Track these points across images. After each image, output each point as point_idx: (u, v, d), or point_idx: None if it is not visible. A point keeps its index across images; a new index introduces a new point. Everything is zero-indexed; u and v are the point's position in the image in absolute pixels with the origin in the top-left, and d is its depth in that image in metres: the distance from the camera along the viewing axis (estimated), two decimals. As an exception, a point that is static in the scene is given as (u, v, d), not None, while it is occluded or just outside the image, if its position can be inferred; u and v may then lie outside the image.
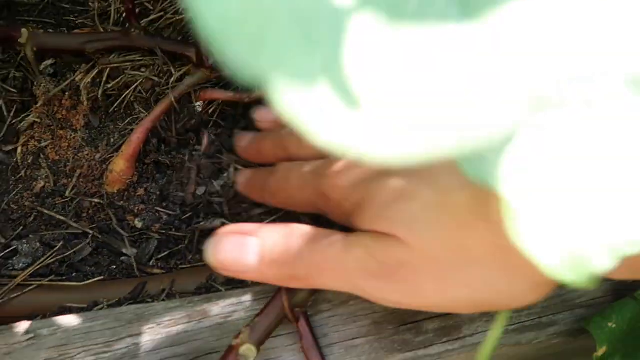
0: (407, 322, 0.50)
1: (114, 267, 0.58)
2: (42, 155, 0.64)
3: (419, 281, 0.36)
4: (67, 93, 0.64)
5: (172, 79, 0.63)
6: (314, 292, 0.47)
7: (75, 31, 0.68)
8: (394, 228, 0.35)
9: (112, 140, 0.64)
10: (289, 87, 0.18)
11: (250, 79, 0.18)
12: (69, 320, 0.47)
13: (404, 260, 0.36)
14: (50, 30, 0.66)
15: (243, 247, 0.40)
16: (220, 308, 0.49)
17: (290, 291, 0.46)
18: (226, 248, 0.41)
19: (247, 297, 0.50)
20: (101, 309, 0.52)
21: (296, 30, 0.18)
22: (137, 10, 0.69)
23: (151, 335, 0.47)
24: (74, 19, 0.72)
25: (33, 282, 0.55)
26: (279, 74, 0.18)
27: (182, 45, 0.63)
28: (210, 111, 0.66)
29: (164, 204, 0.62)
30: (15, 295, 0.53)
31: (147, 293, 0.54)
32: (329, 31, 0.18)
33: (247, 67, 0.18)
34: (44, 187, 0.62)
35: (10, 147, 0.64)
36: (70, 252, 0.58)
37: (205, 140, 0.64)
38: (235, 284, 0.55)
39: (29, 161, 0.63)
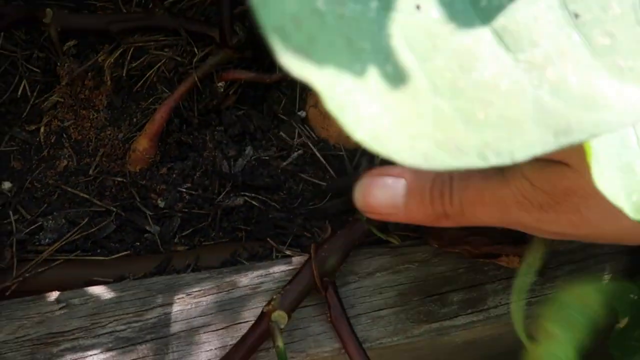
0: (432, 294, 0.51)
1: (138, 243, 0.59)
2: (64, 135, 0.64)
3: (589, 209, 0.33)
4: (90, 73, 0.65)
5: (195, 59, 0.64)
6: (342, 261, 0.48)
7: (99, 12, 0.69)
8: (566, 154, 0.33)
9: (134, 119, 0.65)
10: (338, 82, 0.18)
11: (300, 75, 0.18)
12: (100, 291, 0.47)
13: (573, 188, 0.33)
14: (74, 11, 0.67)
15: (392, 189, 0.39)
16: (248, 279, 0.49)
17: (319, 260, 0.47)
18: (375, 192, 0.40)
19: (275, 269, 0.50)
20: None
21: (344, 32, 0.18)
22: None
23: (181, 305, 0.47)
24: (95, 2, 0.73)
25: (59, 257, 0.55)
26: (329, 70, 0.18)
27: (206, 26, 0.63)
28: (231, 92, 0.67)
29: (187, 183, 0.62)
30: (43, 269, 0.54)
31: (173, 268, 0.55)
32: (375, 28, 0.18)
33: (298, 62, 0.17)
34: (67, 165, 0.63)
35: (33, 127, 0.64)
36: (94, 229, 0.59)
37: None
38: (261, 260, 0.55)
39: (52, 140, 0.64)
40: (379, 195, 0.40)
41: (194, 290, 0.48)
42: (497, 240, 0.52)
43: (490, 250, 0.51)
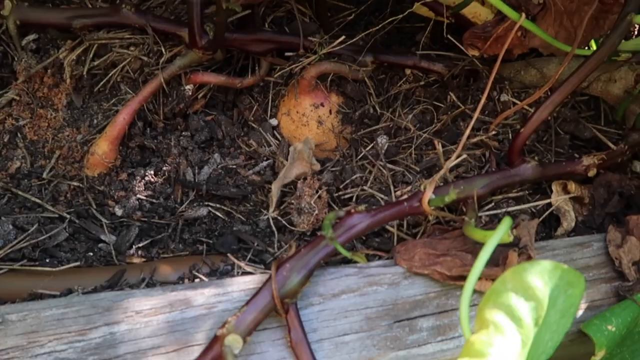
0: (401, 319, 0.48)
1: (91, 254, 0.55)
2: (19, 135, 0.60)
3: None
4: (49, 70, 0.61)
5: (163, 59, 0.60)
6: (306, 281, 0.45)
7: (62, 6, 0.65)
8: None
9: (95, 121, 0.61)
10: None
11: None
12: (40, 306, 0.44)
13: None
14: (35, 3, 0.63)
15: None
16: (204, 298, 0.46)
17: (281, 280, 0.44)
18: None
19: (233, 288, 0.47)
20: (76, 296, 0.48)
21: None
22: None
23: (129, 324, 0.44)
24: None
25: (3, 266, 0.51)
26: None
27: (175, 25, 0.60)
28: (199, 96, 0.63)
29: (147, 190, 0.59)
30: (-17, 278, 0.50)
31: (126, 282, 0.51)
32: None
33: None
34: (19, 167, 0.59)
35: (-15, 124, 0.60)
36: (44, 237, 0.54)
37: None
38: (221, 276, 0.52)
39: (5, 140, 0.60)
40: None
41: (145, 308, 0.45)
42: (469, 262, 0.49)
43: (462, 272, 0.48)
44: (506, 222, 0.42)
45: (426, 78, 0.64)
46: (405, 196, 0.53)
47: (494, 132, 0.60)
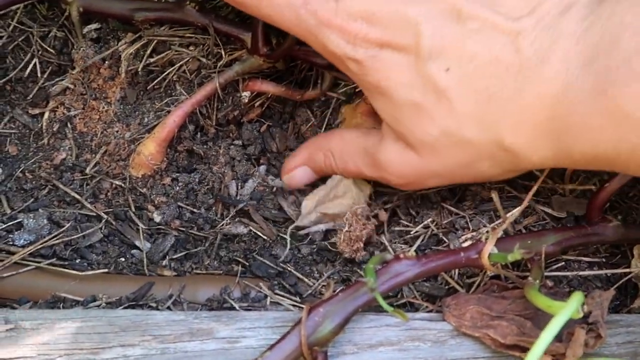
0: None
1: (123, 259, 0.52)
2: (69, 125, 0.58)
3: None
4: (107, 62, 0.59)
5: (221, 63, 0.57)
6: (340, 329, 0.40)
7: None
8: None
9: (145, 119, 0.58)
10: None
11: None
12: (56, 316, 0.41)
13: None
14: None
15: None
16: (229, 330, 0.42)
17: (312, 325, 0.39)
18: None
19: (261, 323, 0.43)
20: (98, 306, 0.46)
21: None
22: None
23: (144, 348, 0.40)
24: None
25: (31, 262, 0.49)
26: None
27: (238, 27, 0.56)
28: (256, 104, 0.60)
29: (189, 198, 0.55)
30: (9, 274, 0.48)
31: (152, 296, 0.48)
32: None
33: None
34: (64, 159, 0.57)
35: (37, 111, 0.59)
36: (78, 235, 0.52)
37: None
38: (252, 304, 0.48)
39: (55, 129, 0.58)
40: None
41: (164, 333, 0.41)
42: (528, 331, 0.43)
43: (518, 341, 0.43)
44: (577, 298, 0.36)
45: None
46: (466, 243, 0.48)
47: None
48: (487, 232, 0.49)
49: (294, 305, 0.48)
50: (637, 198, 0.55)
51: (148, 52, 0.57)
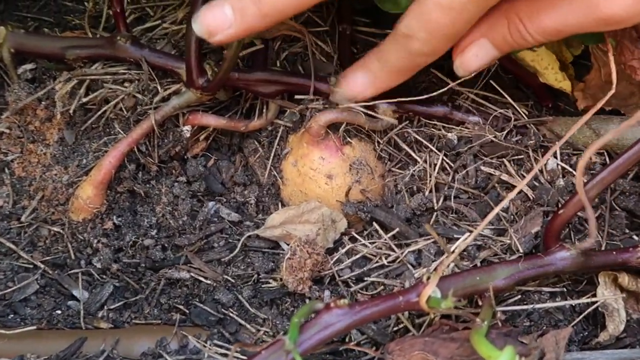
0: None
1: (59, 312, 0.50)
2: (6, 170, 0.56)
3: None
4: (43, 102, 0.56)
5: (157, 98, 0.54)
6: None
7: (65, 33, 0.61)
8: None
9: (84, 161, 0.56)
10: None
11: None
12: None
13: None
14: (34, 31, 0.59)
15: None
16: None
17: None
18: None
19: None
20: (23, 367, 0.43)
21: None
22: (135, 15, 0.61)
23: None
24: (73, 18, 0.65)
25: (-42, 322, 0.47)
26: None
27: (173, 60, 0.54)
28: (201, 138, 0.57)
29: (131, 243, 0.53)
30: None
31: (83, 354, 0.46)
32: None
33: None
34: (1, 207, 0.55)
35: (-28, 158, 0.57)
36: (13, 288, 0.50)
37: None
38: (190, 356, 0.46)
39: (-8, 175, 0.56)
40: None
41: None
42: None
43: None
44: (508, 352, 0.33)
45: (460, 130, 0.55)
46: (408, 283, 0.45)
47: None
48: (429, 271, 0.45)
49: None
50: (602, 219, 0.51)
51: (82, 91, 0.55)
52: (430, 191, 0.53)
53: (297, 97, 0.55)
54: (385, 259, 0.50)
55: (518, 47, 0.43)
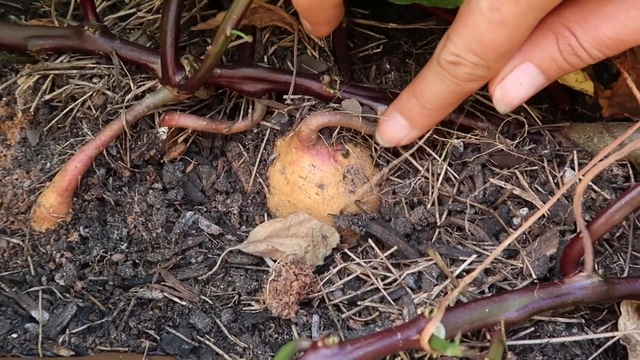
0: None
1: (15, 336, 0.44)
2: (-38, 174, 0.51)
3: None
4: (3, 99, 0.51)
5: (129, 96, 0.49)
6: None
7: (31, 21, 0.55)
8: None
9: (48, 164, 0.50)
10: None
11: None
12: None
13: None
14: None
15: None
16: None
17: None
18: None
19: None
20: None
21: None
22: (109, 3, 0.56)
23: None
24: (42, 4, 0.59)
25: None
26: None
27: (146, 53, 0.48)
28: (179, 140, 0.51)
29: (99, 257, 0.47)
30: None
31: (37, 388, 0.40)
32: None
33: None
34: (-45, 216, 0.49)
35: None
36: (-35, 309, 0.45)
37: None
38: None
39: (-55, 179, 0.51)
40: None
41: None
42: None
43: None
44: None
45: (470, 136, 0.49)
46: (406, 311, 0.40)
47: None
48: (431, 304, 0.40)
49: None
50: (625, 240, 0.46)
51: (45, 87, 0.49)
52: (433, 204, 0.47)
53: (285, 96, 0.49)
54: (382, 280, 0.45)
55: (569, 69, 0.36)
